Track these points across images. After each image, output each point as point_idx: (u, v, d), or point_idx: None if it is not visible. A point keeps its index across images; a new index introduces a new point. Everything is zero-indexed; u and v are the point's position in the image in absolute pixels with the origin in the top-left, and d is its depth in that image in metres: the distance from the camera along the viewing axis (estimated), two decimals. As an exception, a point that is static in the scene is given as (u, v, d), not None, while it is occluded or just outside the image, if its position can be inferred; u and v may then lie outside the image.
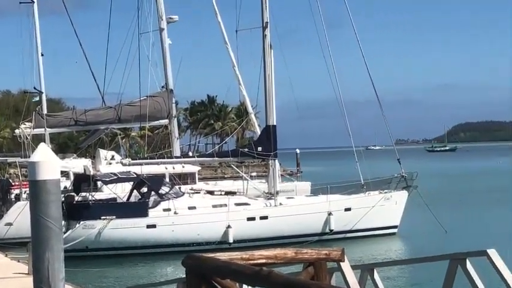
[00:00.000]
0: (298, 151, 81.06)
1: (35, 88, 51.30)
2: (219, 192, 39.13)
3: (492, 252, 10.06)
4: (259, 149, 38.23)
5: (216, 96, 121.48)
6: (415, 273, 25.49)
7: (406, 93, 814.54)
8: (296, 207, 37.24)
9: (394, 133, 47.43)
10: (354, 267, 10.37)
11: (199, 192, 38.80)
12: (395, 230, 38.79)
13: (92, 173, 39.25)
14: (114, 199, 36.12)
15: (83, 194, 35.53)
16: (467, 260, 10.17)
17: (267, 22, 38.82)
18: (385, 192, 38.89)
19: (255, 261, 6.57)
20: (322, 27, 40.89)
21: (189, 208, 35.61)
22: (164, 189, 36.11)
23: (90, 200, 35.03)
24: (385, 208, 38.23)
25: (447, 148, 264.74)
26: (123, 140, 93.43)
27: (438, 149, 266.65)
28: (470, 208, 52.06)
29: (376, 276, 11.65)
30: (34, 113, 45.82)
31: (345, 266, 9.39)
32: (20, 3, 51.05)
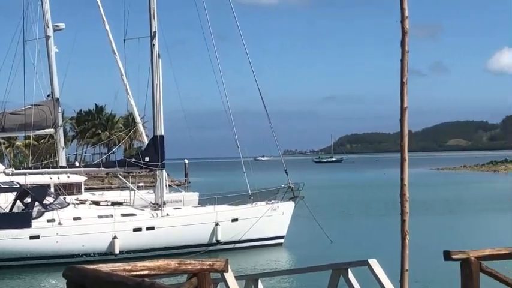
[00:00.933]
0: (186, 161, 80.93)
1: None
2: (105, 203, 38.55)
3: (373, 262, 10.30)
4: (147, 159, 37.94)
5: (105, 105, 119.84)
6: (300, 283, 25.81)
7: (295, 104, 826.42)
8: (183, 218, 37.12)
9: (282, 144, 48.02)
10: (238, 278, 10.42)
11: (84, 203, 38.12)
12: (282, 241, 39.17)
13: (-28, 183, 37.97)
14: (-4, 209, 35.11)
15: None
16: (349, 270, 10.38)
17: (155, 32, 38.64)
18: (272, 203, 39.22)
19: (138, 273, 6.49)
20: (211, 38, 41.12)
21: (74, 219, 34.94)
22: (48, 200, 35.28)
23: (-30, 211, 33.95)
24: (272, 219, 38.57)
25: (333, 159, 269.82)
26: (7, 149, 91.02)
27: (325, 160, 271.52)
28: (355, 218, 53.24)
29: (260, 286, 11.74)
30: None
31: (229, 276, 9.42)
32: None
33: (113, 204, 38.10)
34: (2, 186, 35.06)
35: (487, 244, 9.10)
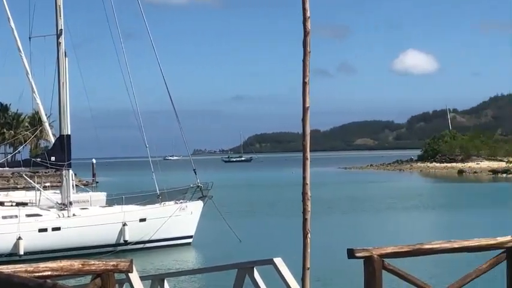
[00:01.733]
0: (94, 161, 79.79)
1: None
2: (10, 203, 37.69)
3: (278, 261, 10.37)
4: (53, 158, 37.29)
5: (10, 104, 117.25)
6: (207, 282, 25.82)
7: (205, 103, 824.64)
8: (90, 218, 36.65)
9: (191, 144, 48.07)
10: (144, 278, 10.35)
11: (-12, 204, 37.21)
12: (190, 240, 39.12)
13: None
14: None
15: None
16: (255, 269, 10.43)
17: (61, 30, 37.97)
18: (181, 203, 39.14)
19: (40, 274, 6.38)
20: (119, 37, 40.72)
21: (-23, 220, 34.11)
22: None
23: None
24: (181, 218, 38.48)
25: (243, 159, 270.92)
26: None
27: (234, 159, 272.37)
28: (264, 217, 53.58)
29: (166, 286, 11.70)
30: None
31: (134, 276, 9.35)
32: None
33: (18, 204, 37.26)
34: None
35: (390, 242, 9.28)
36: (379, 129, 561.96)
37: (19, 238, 34.31)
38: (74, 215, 36.41)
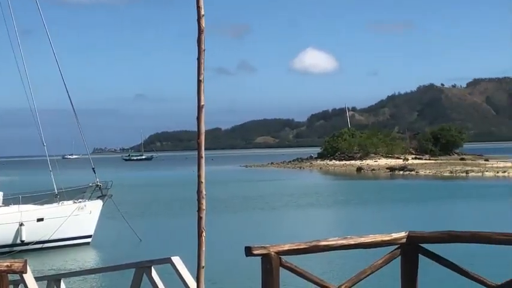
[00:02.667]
0: (-11, 160, 77.74)
1: None
2: None
3: (176, 259, 10.34)
4: None
5: None
6: (105, 282, 25.52)
7: (105, 102, 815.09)
8: (-15, 219, 35.68)
9: (91, 142, 47.36)
10: (39, 279, 10.12)
11: None
12: (89, 240, 38.56)
13: None
14: None
15: None
16: (152, 268, 10.35)
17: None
18: (79, 202, 38.53)
19: None
20: (15, 33, 39.76)
21: None
22: None
23: None
24: (79, 218, 37.87)
25: (144, 157, 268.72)
26: None
27: (135, 158, 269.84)
28: (163, 216, 53.32)
29: (62, 286, 11.48)
30: None
31: (28, 277, 9.14)
32: None
33: None
34: None
35: (288, 239, 9.34)
36: (279, 128, 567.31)
37: None
38: (-32, 215, 35.40)
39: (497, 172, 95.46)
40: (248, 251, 8.08)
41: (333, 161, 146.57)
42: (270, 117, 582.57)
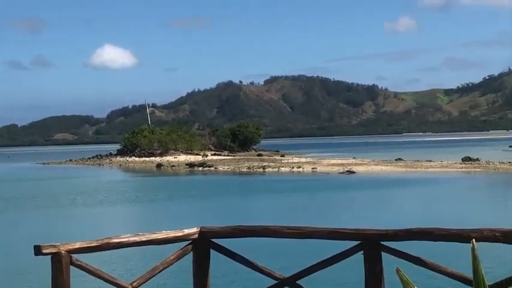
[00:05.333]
0: None
1: None
2: None
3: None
4: None
5: None
6: None
7: None
8: None
9: None
10: None
11: None
12: None
13: None
14: None
15: None
16: None
17: None
18: None
19: None
20: None
21: None
22: None
23: None
24: None
25: None
26: None
27: None
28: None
29: None
30: None
31: None
32: None
33: None
34: None
35: (81, 237, 9.21)
36: (78, 124, 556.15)
37: None
38: None
39: (293, 167, 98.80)
40: (37, 250, 7.90)
41: (133, 157, 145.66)
42: (69, 113, 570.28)
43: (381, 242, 8.07)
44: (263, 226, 8.97)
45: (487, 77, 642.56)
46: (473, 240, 4.35)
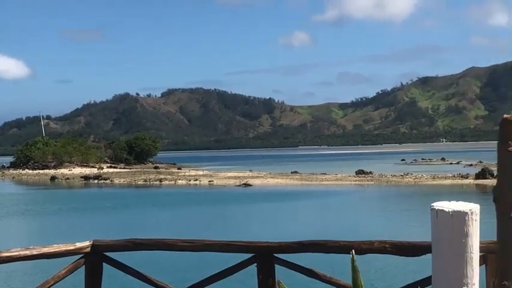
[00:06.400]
0: None
1: None
2: None
3: None
4: None
5: None
6: None
7: None
8: None
9: None
10: None
11: None
12: None
13: None
14: None
15: None
16: None
17: None
18: None
19: None
20: None
21: None
22: None
23: None
24: None
25: None
26: None
27: None
28: None
29: None
30: None
31: None
32: None
33: None
34: None
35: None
36: None
37: None
38: None
39: (190, 180, 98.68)
40: None
41: (26, 170, 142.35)
42: None
43: (275, 255, 8.14)
44: (157, 239, 8.91)
45: (380, 92, 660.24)
46: (353, 251, 4.44)
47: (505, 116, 3.77)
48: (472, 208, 3.94)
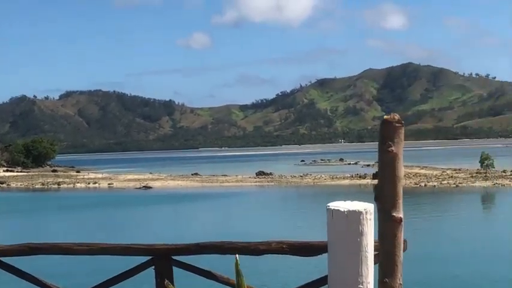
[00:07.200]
0: None
1: None
2: None
3: None
4: None
5: None
6: None
7: None
8: None
9: None
10: None
11: None
12: None
13: None
14: None
15: None
16: None
17: None
18: None
19: None
20: None
21: None
22: None
23: None
24: None
25: None
26: None
27: None
28: None
29: None
30: None
31: None
32: None
33: None
34: None
35: None
36: None
37: None
38: None
39: (89, 183, 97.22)
40: None
41: None
42: None
43: (173, 257, 8.10)
44: (52, 243, 8.71)
45: (280, 94, 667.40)
46: (236, 255, 4.44)
47: (385, 117, 3.83)
48: (366, 207, 3.99)
